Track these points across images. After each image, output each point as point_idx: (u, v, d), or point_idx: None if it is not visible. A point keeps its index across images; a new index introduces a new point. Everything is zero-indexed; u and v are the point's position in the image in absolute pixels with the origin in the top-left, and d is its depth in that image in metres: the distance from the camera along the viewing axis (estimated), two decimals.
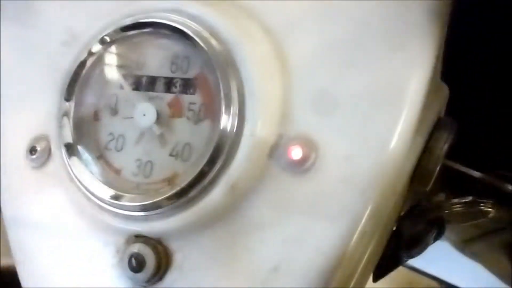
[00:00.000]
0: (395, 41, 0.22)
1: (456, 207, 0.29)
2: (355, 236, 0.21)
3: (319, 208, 0.21)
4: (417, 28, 0.22)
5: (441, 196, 0.30)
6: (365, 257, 0.23)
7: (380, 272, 0.29)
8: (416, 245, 0.29)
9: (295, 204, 0.22)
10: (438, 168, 0.24)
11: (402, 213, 0.29)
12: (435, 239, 0.30)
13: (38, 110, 0.28)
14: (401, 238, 0.28)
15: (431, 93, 0.22)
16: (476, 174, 0.28)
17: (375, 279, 0.29)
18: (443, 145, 0.24)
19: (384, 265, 0.28)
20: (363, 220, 0.21)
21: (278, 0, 0.24)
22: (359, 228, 0.21)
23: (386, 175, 0.21)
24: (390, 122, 0.21)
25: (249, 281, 0.22)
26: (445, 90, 0.27)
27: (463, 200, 0.29)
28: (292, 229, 0.22)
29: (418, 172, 0.24)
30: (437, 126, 0.24)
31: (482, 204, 0.29)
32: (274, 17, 0.24)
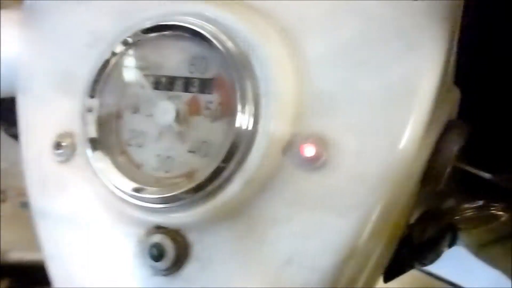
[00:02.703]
0: (406, 43, 0.22)
1: (467, 212, 0.29)
2: (366, 231, 0.22)
3: (331, 203, 0.22)
4: (427, 31, 0.22)
5: (452, 201, 0.30)
6: (375, 254, 0.23)
7: (390, 274, 0.29)
8: (429, 252, 0.30)
9: (308, 199, 0.23)
10: (448, 169, 0.24)
11: (413, 218, 0.29)
12: (449, 246, 0.31)
13: (62, 107, 0.30)
14: (412, 244, 0.29)
15: (441, 95, 0.23)
16: (487, 175, 0.28)
17: (385, 280, 0.30)
18: (453, 147, 0.24)
19: (395, 268, 0.29)
20: (374, 217, 0.22)
21: (294, 3, 0.24)
22: (370, 224, 0.22)
23: (396, 173, 0.22)
24: (400, 122, 0.22)
25: (263, 273, 0.23)
26: (456, 93, 0.27)
27: (474, 205, 0.29)
28: (305, 223, 0.23)
29: (429, 173, 0.24)
30: (448, 128, 0.25)
31: (493, 208, 0.29)
32: (289, 19, 0.24)
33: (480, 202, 0.29)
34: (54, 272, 0.29)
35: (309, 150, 0.22)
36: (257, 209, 0.23)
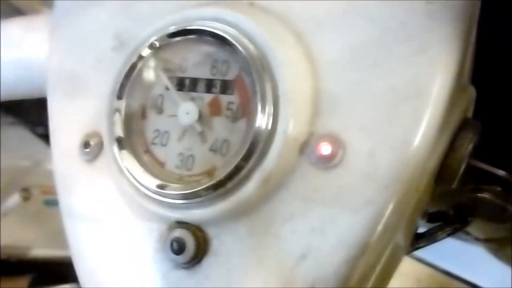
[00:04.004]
0: (418, 45, 0.23)
1: (483, 193, 0.29)
2: (378, 228, 0.23)
3: (345, 201, 0.23)
4: (438, 33, 0.23)
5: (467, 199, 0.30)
6: (388, 250, 0.24)
7: None
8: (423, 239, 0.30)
9: (323, 196, 0.23)
10: (462, 167, 0.25)
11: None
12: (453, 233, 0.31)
13: (90, 108, 0.31)
14: None
15: (455, 94, 0.24)
16: (501, 173, 0.29)
17: None
18: (467, 145, 0.25)
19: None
20: (386, 214, 0.23)
21: (308, 6, 0.25)
22: (383, 221, 0.23)
23: (409, 172, 0.23)
24: (414, 122, 0.23)
25: (278, 267, 0.24)
26: (472, 92, 0.27)
27: (492, 188, 0.29)
28: (320, 219, 0.23)
29: (443, 171, 0.25)
30: (462, 127, 0.25)
31: (509, 201, 0.29)
32: (304, 23, 0.25)
33: (498, 189, 0.29)
34: (79, 266, 0.30)
35: (325, 149, 0.23)
36: (274, 206, 0.24)
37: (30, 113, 0.76)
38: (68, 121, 0.32)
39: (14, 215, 0.95)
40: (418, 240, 0.30)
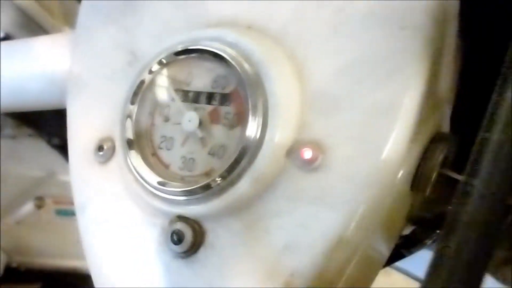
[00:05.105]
0: (395, 64, 0.26)
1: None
2: (352, 225, 0.26)
3: (324, 199, 0.26)
4: (412, 54, 0.26)
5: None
6: (363, 246, 0.27)
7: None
8: (415, 246, 0.33)
9: (305, 195, 0.26)
10: (434, 176, 0.28)
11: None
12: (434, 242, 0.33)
13: (104, 116, 0.35)
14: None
15: (425, 110, 0.26)
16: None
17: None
18: (438, 155, 0.27)
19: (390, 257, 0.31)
20: (360, 213, 0.26)
21: (299, 30, 0.29)
22: (356, 219, 0.26)
23: (381, 177, 0.26)
24: (386, 133, 0.26)
25: (265, 258, 0.27)
26: (446, 108, 0.30)
27: None
28: (303, 216, 0.26)
29: (416, 179, 0.28)
30: (434, 139, 0.28)
31: None
32: (297, 44, 0.29)
33: None
34: (90, 258, 0.33)
35: (307, 154, 0.26)
36: (263, 204, 0.27)
37: (47, 125, 0.80)
38: (84, 127, 0.36)
39: (26, 223, 0.98)
40: (402, 245, 0.32)
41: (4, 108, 0.49)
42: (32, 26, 0.53)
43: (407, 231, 0.33)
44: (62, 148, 0.84)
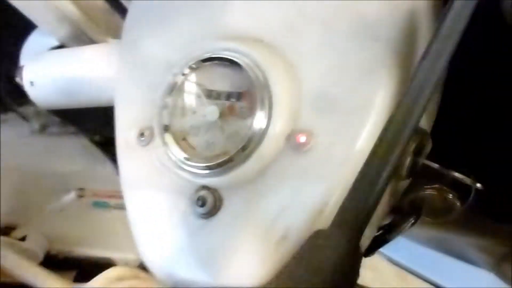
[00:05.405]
0: (368, 70, 0.32)
1: (427, 190, 0.34)
2: (332, 200, 0.31)
3: (312, 176, 0.32)
4: (384, 59, 0.32)
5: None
6: None
7: (368, 251, 0.36)
8: (394, 231, 0.37)
9: (297, 172, 0.33)
10: (407, 161, 0.31)
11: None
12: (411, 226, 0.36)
13: (145, 110, 0.42)
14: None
15: None
16: (451, 172, 0.33)
17: (365, 255, 0.35)
18: (411, 144, 0.31)
19: (372, 246, 0.36)
20: (339, 190, 0.31)
21: (296, 42, 0.36)
22: (336, 194, 0.31)
23: (356, 162, 0.30)
24: (360, 127, 0.31)
25: (264, 220, 0.34)
26: None
27: (433, 186, 0.35)
28: (293, 188, 0.32)
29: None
30: None
31: (450, 195, 0.34)
32: (294, 54, 0.36)
33: (437, 186, 0.34)
34: (134, 222, 0.41)
35: (302, 138, 0.34)
36: (266, 178, 0.34)
37: (89, 124, 0.88)
38: (129, 120, 0.44)
39: (67, 213, 1.04)
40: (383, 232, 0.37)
41: (56, 105, 0.57)
42: (83, 38, 0.62)
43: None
44: (103, 144, 0.92)
